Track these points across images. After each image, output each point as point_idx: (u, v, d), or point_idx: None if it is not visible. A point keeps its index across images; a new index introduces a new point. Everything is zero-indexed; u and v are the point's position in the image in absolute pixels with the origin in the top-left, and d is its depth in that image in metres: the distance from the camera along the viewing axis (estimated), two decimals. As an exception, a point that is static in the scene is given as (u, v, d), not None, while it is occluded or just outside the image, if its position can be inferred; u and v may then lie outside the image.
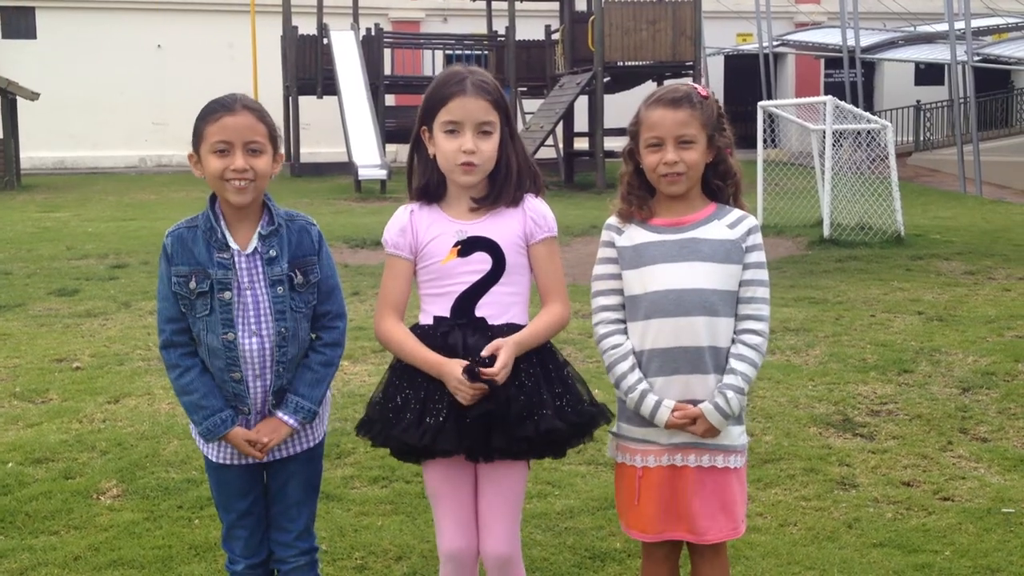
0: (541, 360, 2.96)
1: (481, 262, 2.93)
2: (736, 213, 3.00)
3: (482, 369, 2.80)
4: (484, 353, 2.84)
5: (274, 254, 2.92)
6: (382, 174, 21.00)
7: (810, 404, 5.77)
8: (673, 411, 2.91)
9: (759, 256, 2.98)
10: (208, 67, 29.16)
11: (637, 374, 2.94)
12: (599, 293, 3.03)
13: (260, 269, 2.92)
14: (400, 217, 3.02)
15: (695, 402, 2.92)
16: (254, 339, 2.90)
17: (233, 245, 2.91)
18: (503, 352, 2.83)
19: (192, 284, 2.89)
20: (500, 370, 2.81)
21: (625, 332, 2.99)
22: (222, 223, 2.92)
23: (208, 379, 2.93)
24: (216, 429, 2.91)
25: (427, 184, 3.00)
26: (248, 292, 2.91)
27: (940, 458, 4.97)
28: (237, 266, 2.91)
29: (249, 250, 2.92)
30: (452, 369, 2.83)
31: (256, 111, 2.89)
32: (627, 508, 3.07)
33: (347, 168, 22.06)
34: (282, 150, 3.02)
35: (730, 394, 2.89)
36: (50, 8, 29.71)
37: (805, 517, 4.30)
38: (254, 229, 2.93)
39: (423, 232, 2.98)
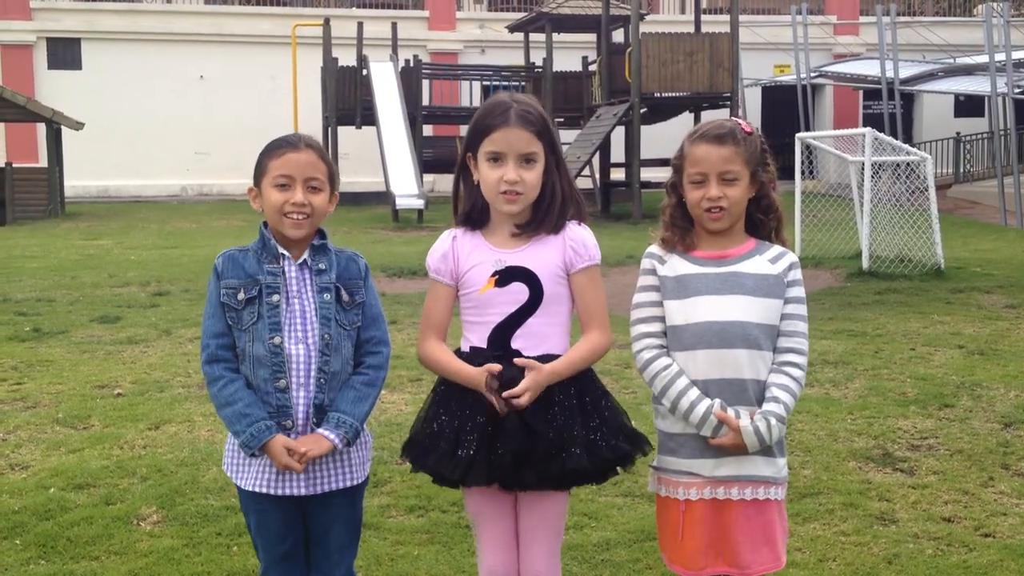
0: (579, 391, 2.96)
1: (518, 292, 2.94)
2: (776, 249, 3.02)
3: (504, 395, 2.84)
4: (519, 362, 2.86)
5: (324, 267, 2.99)
6: (419, 204, 21.16)
7: (849, 438, 5.72)
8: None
9: (799, 291, 3.00)
10: (250, 98, 29.59)
11: (696, 390, 2.93)
12: (641, 320, 3.03)
13: (309, 279, 2.98)
14: (443, 243, 3.06)
15: None
16: (300, 346, 2.94)
17: (284, 253, 2.98)
18: (528, 377, 2.84)
19: (241, 295, 2.94)
20: (522, 393, 2.83)
21: (669, 356, 2.99)
22: (273, 240, 2.99)
23: (251, 392, 2.95)
24: (259, 435, 2.90)
25: (471, 210, 3.04)
26: (296, 300, 2.96)
27: (981, 494, 4.91)
28: (287, 274, 2.97)
29: (300, 261, 2.99)
30: (479, 377, 2.88)
31: (318, 150, 2.97)
32: (670, 543, 3.05)
33: (385, 198, 22.23)
34: (338, 191, 3.08)
35: (773, 421, 2.90)
36: (95, 40, 30.22)
37: (844, 552, 4.26)
38: (306, 247, 3.01)
39: (464, 259, 3.01)
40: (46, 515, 4.63)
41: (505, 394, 2.84)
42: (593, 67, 24.70)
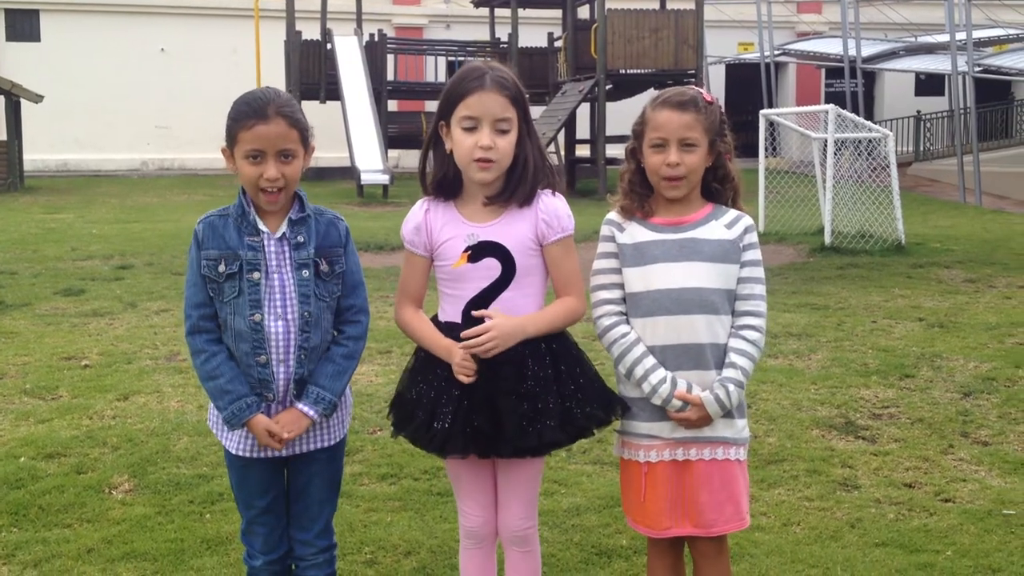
0: (554, 359, 2.97)
1: (491, 268, 2.95)
2: (733, 213, 3.06)
3: (476, 313, 2.89)
4: (476, 314, 2.91)
5: (302, 240, 2.97)
6: (384, 179, 21.12)
7: (812, 407, 5.83)
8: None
9: (755, 254, 3.04)
10: (211, 71, 29.29)
11: (652, 359, 2.98)
12: (601, 287, 3.06)
13: (288, 253, 2.96)
14: (416, 215, 3.05)
15: None
16: (279, 322, 2.94)
17: (263, 228, 2.96)
18: (494, 327, 2.87)
19: (221, 267, 2.93)
20: (484, 342, 2.86)
21: (628, 323, 3.03)
22: (252, 210, 2.97)
23: (234, 365, 2.96)
24: (240, 414, 2.93)
25: (443, 178, 3.01)
26: (275, 275, 2.95)
27: (941, 461, 5.03)
28: (266, 249, 2.95)
29: (278, 234, 2.96)
30: (456, 353, 2.89)
31: (289, 116, 2.89)
32: (633, 504, 3.11)
33: (349, 173, 22.15)
34: (314, 142, 3.04)
35: (731, 387, 2.96)
36: (54, 11, 29.80)
37: (808, 517, 4.36)
38: (284, 216, 2.99)
39: (437, 232, 3.01)
40: (17, 484, 4.62)
41: (468, 347, 2.88)
42: (559, 43, 24.69)
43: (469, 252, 2.94)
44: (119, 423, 5.48)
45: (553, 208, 2.99)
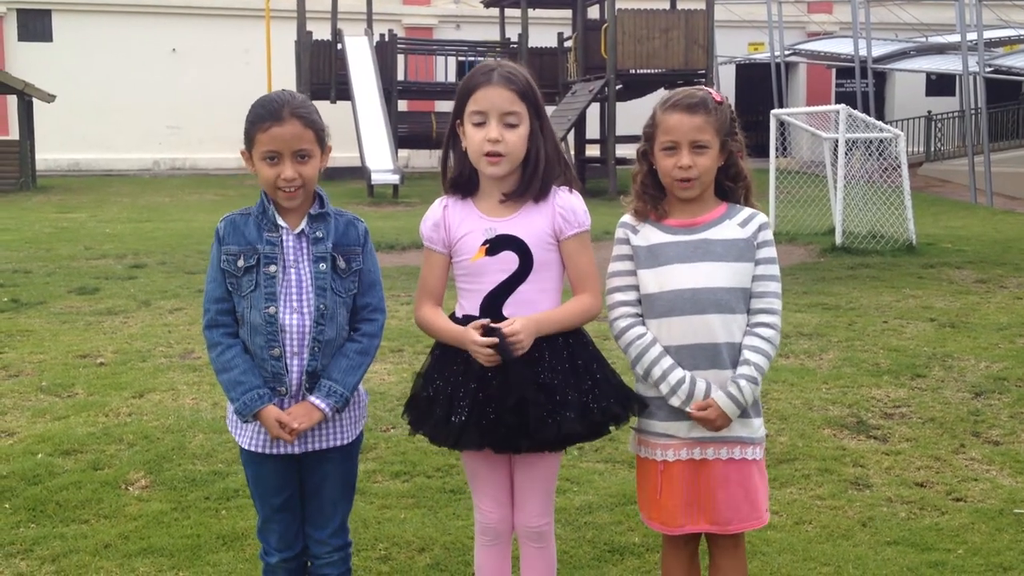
0: (571, 354, 3.01)
1: (509, 261, 2.98)
2: (746, 211, 3.08)
3: (495, 326, 2.88)
4: (502, 327, 2.91)
5: (321, 235, 3.02)
6: (394, 179, 21.16)
7: (824, 406, 5.84)
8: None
9: (770, 252, 3.05)
10: (223, 71, 29.39)
11: (670, 360, 3.00)
12: (616, 289, 3.09)
13: (306, 249, 3.01)
14: (434, 212, 3.11)
15: None
16: (295, 316, 2.98)
17: (283, 224, 3.01)
18: (517, 321, 2.90)
19: (240, 262, 2.98)
20: (509, 326, 2.87)
21: (644, 325, 3.06)
22: (272, 207, 3.02)
23: (248, 358, 3.00)
24: (253, 404, 2.96)
25: (458, 176, 3.07)
26: (292, 270, 3.00)
27: (953, 460, 5.04)
28: (284, 244, 3.00)
29: (297, 230, 3.01)
30: (471, 334, 2.91)
31: (304, 117, 2.95)
32: (649, 501, 3.13)
33: (360, 172, 22.20)
34: (330, 143, 3.09)
35: (743, 383, 2.97)
36: (66, 11, 29.92)
37: (820, 515, 4.38)
38: (304, 214, 3.04)
39: (455, 228, 3.05)
40: (34, 480, 4.67)
41: (500, 326, 2.89)
42: (568, 43, 24.70)
43: (487, 245, 2.99)
44: (135, 420, 5.53)
45: (570, 203, 3.04)
